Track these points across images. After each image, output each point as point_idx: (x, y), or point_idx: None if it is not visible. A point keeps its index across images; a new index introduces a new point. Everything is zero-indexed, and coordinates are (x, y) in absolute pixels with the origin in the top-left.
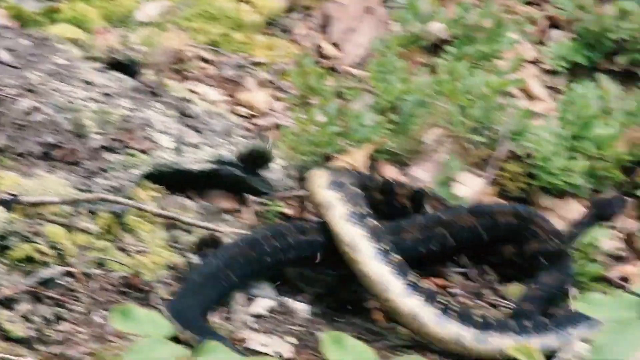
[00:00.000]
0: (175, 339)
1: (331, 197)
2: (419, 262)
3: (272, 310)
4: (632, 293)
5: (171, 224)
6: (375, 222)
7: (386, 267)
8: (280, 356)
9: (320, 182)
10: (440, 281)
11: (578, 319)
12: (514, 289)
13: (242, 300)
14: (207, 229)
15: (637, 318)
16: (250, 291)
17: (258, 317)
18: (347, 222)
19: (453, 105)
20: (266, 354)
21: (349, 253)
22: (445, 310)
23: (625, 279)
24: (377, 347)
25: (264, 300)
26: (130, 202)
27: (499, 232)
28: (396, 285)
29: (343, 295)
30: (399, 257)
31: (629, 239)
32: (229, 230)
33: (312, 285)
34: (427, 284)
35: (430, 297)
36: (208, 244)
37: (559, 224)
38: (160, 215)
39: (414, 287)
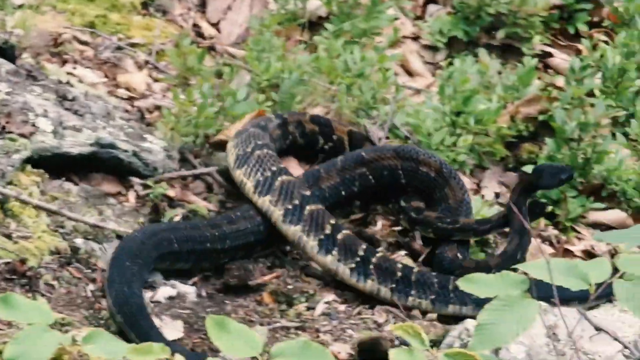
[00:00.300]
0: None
1: (240, 175)
2: (343, 204)
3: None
4: (517, 271)
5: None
6: (286, 178)
7: (297, 227)
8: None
9: (230, 161)
10: None
11: None
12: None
13: None
14: (89, 224)
15: (521, 296)
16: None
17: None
18: (257, 194)
19: (334, 83)
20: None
21: (269, 220)
22: (364, 263)
23: None
24: (266, 329)
25: (162, 288)
26: (11, 192)
27: (417, 181)
28: (310, 244)
29: (230, 277)
30: (315, 207)
31: (512, 215)
32: (113, 227)
33: (200, 268)
34: (349, 232)
35: (347, 250)
36: None
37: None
38: (41, 208)
39: (329, 241)
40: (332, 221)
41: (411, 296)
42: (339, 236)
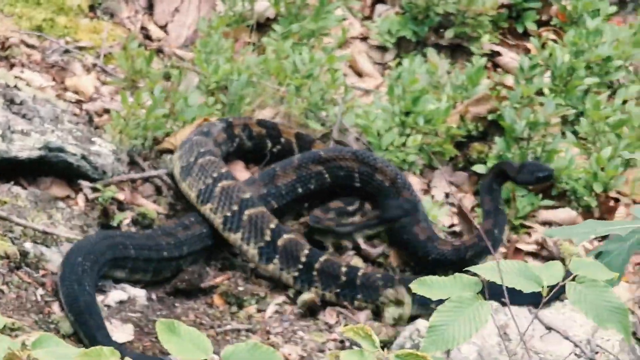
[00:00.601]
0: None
1: (185, 187)
2: (300, 202)
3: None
4: (469, 272)
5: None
6: (227, 183)
7: (237, 234)
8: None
9: (176, 174)
10: None
11: None
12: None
13: None
14: (38, 230)
15: (473, 298)
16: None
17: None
18: (199, 203)
19: (283, 84)
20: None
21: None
22: (307, 270)
23: None
24: (216, 332)
25: (113, 291)
26: None
27: (371, 187)
28: (251, 253)
29: (179, 281)
30: (254, 210)
31: (462, 214)
32: (59, 233)
33: (161, 279)
34: (291, 235)
35: (289, 257)
36: None
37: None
38: None
39: (270, 249)
40: (272, 225)
41: (357, 300)
42: (280, 242)
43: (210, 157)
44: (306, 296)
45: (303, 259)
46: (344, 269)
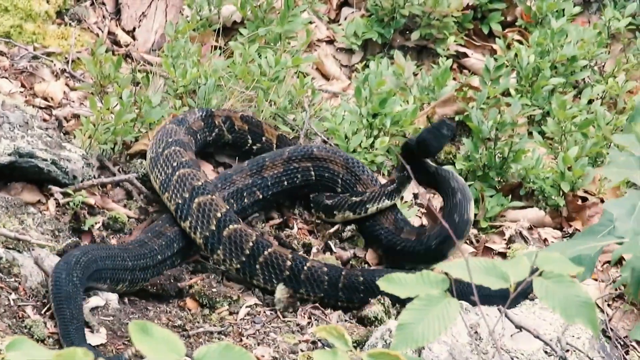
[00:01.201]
0: None
1: (153, 179)
2: (285, 195)
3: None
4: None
5: None
6: (183, 171)
7: (187, 222)
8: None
9: (147, 165)
10: None
11: None
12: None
13: None
14: (10, 237)
15: (442, 296)
16: None
17: None
18: (161, 192)
19: (249, 88)
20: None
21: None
22: (250, 262)
23: None
24: (190, 334)
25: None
26: None
27: (350, 192)
28: (197, 242)
29: (149, 284)
30: (204, 198)
31: (430, 214)
32: (36, 241)
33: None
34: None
35: (233, 248)
36: None
37: None
38: None
39: (214, 239)
40: (219, 214)
41: (299, 294)
42: (225, 232)
43: (175, 147)
44: (279, 294)
45: (247, 252)
46: (289, 263)
